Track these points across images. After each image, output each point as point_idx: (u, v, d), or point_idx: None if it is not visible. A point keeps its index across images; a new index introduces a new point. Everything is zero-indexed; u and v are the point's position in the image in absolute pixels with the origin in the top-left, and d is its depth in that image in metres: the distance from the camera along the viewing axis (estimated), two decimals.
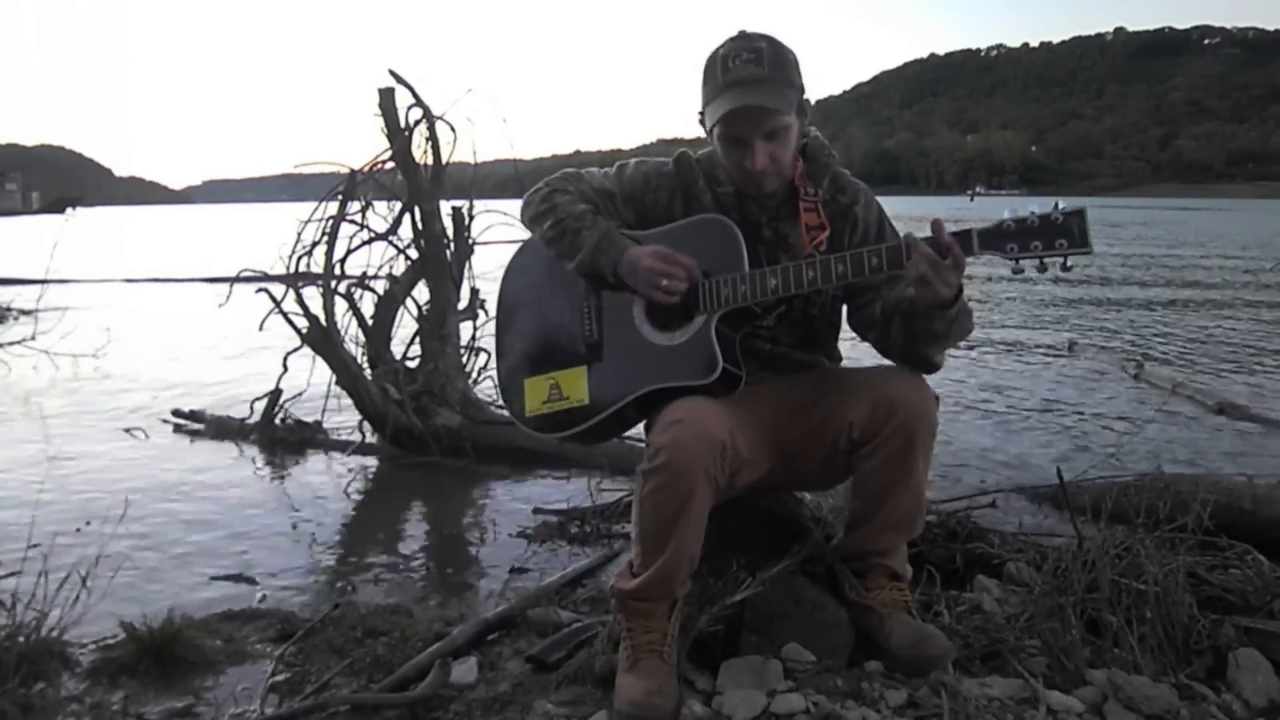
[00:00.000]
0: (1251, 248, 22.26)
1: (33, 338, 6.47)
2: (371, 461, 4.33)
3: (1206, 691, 1.83)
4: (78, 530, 3.09)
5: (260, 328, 4.36)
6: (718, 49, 1.82)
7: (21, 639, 2.01)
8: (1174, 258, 19.27)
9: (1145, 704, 1.73)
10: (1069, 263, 1.61)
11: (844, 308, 2.02)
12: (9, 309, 8.87)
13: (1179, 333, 8.74)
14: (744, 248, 1.83)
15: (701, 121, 1.87)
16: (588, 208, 1.95)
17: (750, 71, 1.77)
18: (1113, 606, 1.96)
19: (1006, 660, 1.95)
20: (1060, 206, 1.61)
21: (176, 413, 4.97)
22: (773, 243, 1.94)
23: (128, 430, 4.76)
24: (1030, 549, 2.56)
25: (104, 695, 2.03)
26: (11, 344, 6.50)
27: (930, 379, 1.88)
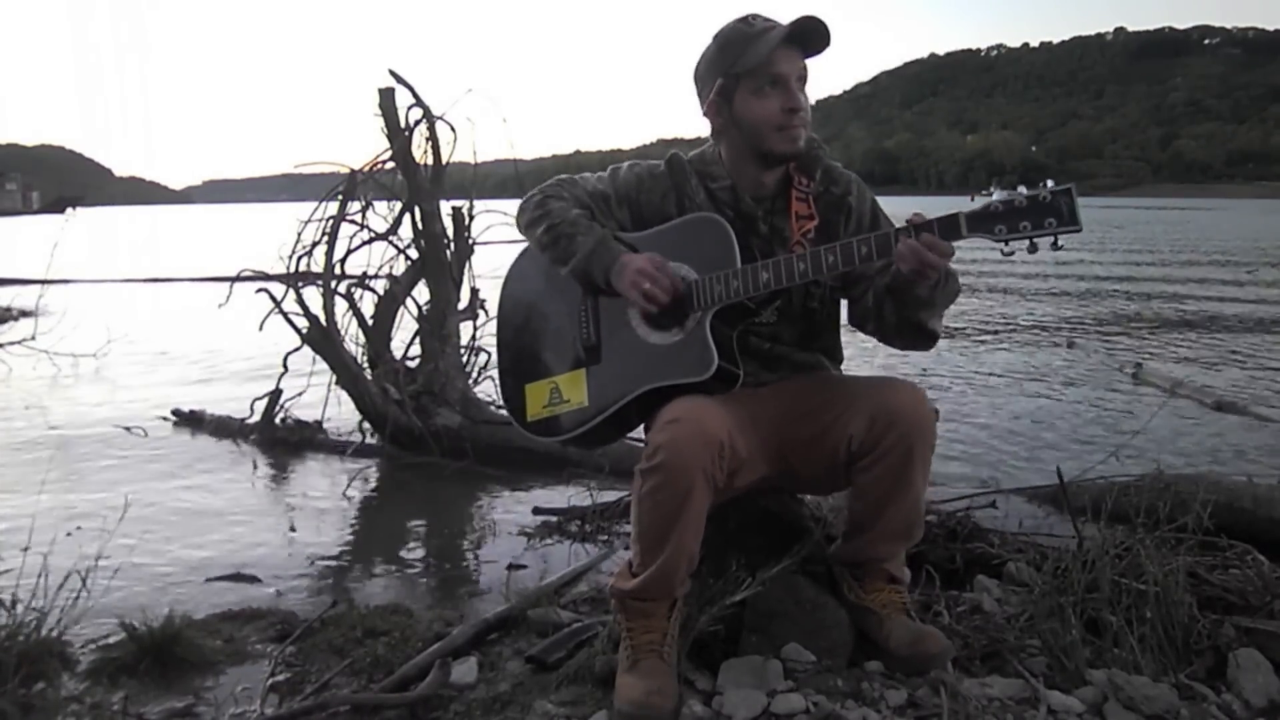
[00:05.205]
0: (1250, 250, 22.21)
1: (33, 338, 6.46)
2: (371, 461, 4.33)
3: (1206, 691, 1.83)
4: (70, 534, 3.07)
5: (260, 328, 4.36)
6: (724, 27, 1.86)
7: (21, 639, 2.01)
8: (1173, 257, 19.26)
9: (1145, 704, 1.73)
10: (1059, 241, 1.59)
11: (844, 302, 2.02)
12: (9, 309, 8.88)
13: (1178, 331, 8.74)
14: (735, 244, 1.82)
15: (712, 102, 1.89)
16: (582, 213, 1.95)
17: (774, 23, 1.82)
18: (1113, 606, 1.96)
19: (1006, 660, 1.95)
20: (1049, 185, 1.59)
21: (177, 412, 4.98)
22: (768, 237, 1.94)
23: (128, 429, 4.75)
24: (1030, 549, 2.56)
25: (104, 695, 2.02)
26: (11, 344, 6.50)
27: (930, 383, 1.87)
